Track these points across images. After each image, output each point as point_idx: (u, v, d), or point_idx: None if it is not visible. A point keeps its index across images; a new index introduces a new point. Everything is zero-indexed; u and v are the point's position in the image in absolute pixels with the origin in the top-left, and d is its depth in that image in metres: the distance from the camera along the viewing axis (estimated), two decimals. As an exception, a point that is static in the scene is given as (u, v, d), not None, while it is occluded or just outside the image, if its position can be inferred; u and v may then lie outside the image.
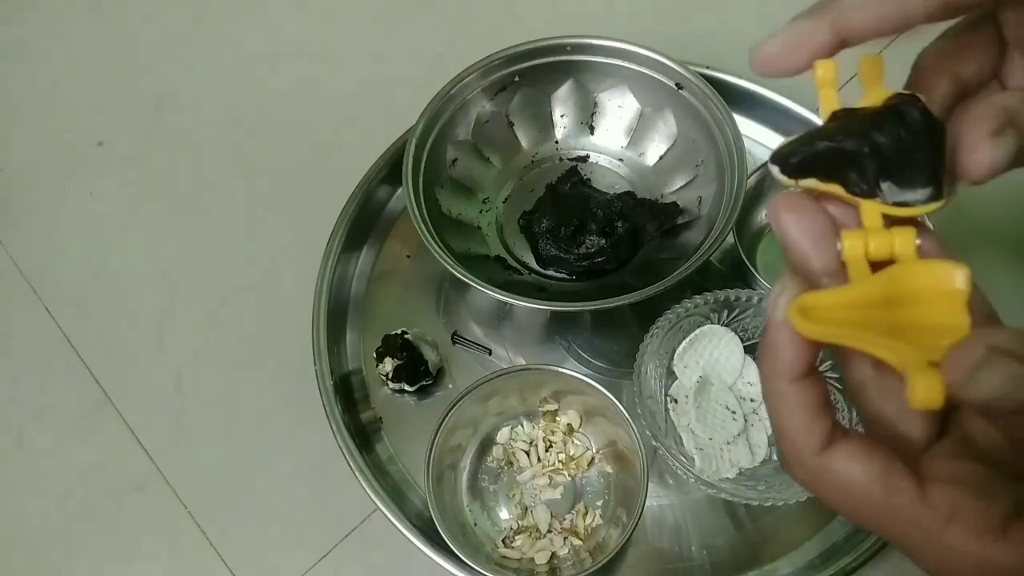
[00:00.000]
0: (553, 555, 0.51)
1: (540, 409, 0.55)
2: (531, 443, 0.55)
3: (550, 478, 0.54)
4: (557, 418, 0.55)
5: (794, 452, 0.23)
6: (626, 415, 0.50)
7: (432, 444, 0.50)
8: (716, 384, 0.54)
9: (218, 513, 0.58)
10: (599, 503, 0.53)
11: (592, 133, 0.65)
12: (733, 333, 0.55)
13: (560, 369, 0.52)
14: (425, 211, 0.56)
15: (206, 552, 0.57)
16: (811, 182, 0.24)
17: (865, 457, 0.23)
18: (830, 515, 0.53)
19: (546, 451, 0.55)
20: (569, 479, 0.54)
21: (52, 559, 0.57)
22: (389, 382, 0.57)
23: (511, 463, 0.55)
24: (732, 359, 0.55)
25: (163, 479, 0.59)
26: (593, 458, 0.54)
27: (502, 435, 0.55)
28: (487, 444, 0.55)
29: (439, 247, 0.54)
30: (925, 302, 0.22)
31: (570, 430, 0.55)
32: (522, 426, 0.56)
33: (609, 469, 0.54)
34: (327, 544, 0.56)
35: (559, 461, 0.54)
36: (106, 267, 0.68)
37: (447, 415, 0.51)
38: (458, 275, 0.53)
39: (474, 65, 0.61)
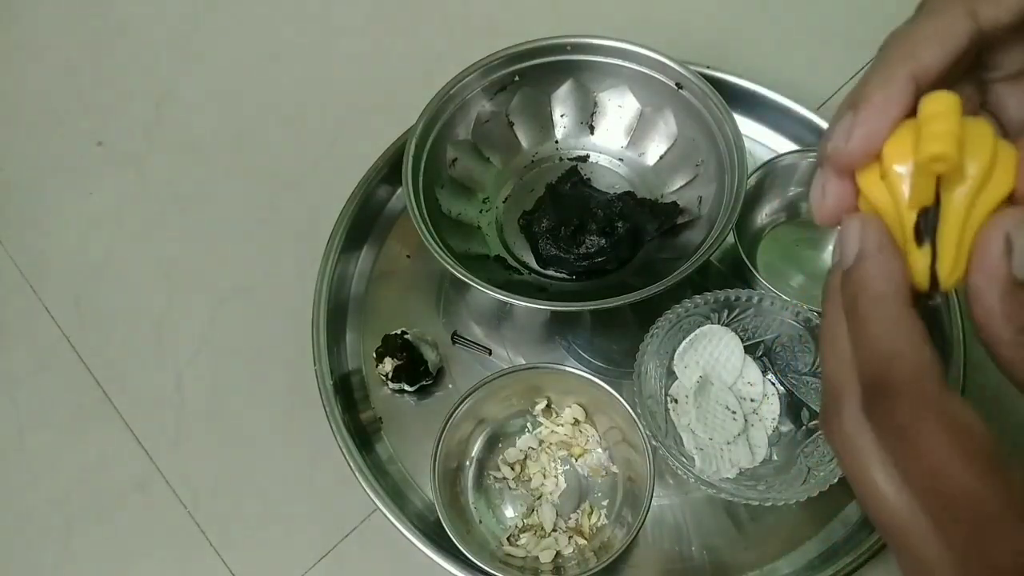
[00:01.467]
0: (558, 554, 0.51)
1: (544, 407, 0.55)
2: (538, 441, 0.55)
3: (556, 476, 0.54)
4: (561, 415, 0.55)
5: (913, 376, 0.21)
6: (630, 411, 0.50)
7: (438, 442, 0.50)
8: (716, 384, 0.54)
9: (218, 513, 0.58)
10: (605, 503, 0.53)
11: (592, 133, 0.65)
12: (733, 333, 0.55)
13: (565, 367, 0.52)
14: (425, 211, 0.56)
15: (206, 552, 0.57)
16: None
17: (973, 412, 0.20)
18: (830, 515, 0.53)
19: (552, 447, 0.55)
20: (575, 478, 0.54)
21: (52, 559, 0.57)
22: (389, 382, 0.57)
23: (517, 461, 0.55)
24: (732, 359, 0.55)
25: (163, 479, 0.59)
26: (600, 452, 0.54)
27: (507, 433, 0.55)
28: (493, 441, 0.55)
29: (439, 247, 0.54)
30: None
31: (576, 423, 0.55)
32: (527, 424, 0.56)
33: (615, 469, 0.54)
34: (327, 544, 0.56)
35: (561, 458, 0.55)
36: (106, 267, 0.68)
37: (453, 412, 0.51)
38: (458, 275, 0.53)
39: (474, 65, 0.61)
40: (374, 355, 0.57)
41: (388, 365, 0.56)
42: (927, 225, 0.21)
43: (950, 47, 0.24)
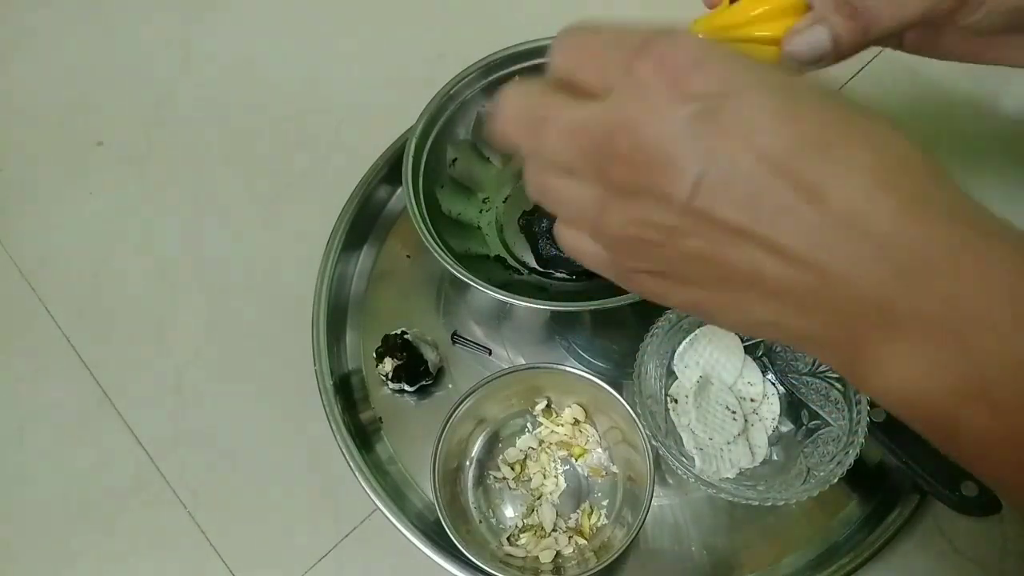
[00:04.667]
0: (558, 554, 0.51)
1: (544, 407, 0.55)
2: (538, 441, 0.55)
3: (556, 476, 0.54)
4: (561, 415, 0.55)
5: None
6: (630, 411, 0.50)
7: (438, 442, 0.50)
8: (716, 384, 0.54)
9: (218, 513, 0.58)
10: (605, 503, 0.53)
11: (592, 133, 0.65)
12: (733, 333, 0.55)
13: (565, 367, 0.52)
14: (425, 211, 0.56)
15: (206, 552, 0.57)
16: None
17: None
18: (830, 515, 0.53)
19: (552, 447, 0.55)
20: (575, 478, 0.54)
21: (52, 559, 0.57)
22: (389, 382, 0.57)
23: (517, 461, 0.55)
24: (732, 359, 0.55)
25: (163, 479, 0.59)
26: (600, 452, 0.54)
27: (508, 433, 0.55)
28: (493, 441, 0.55)
29: (439, 247, 0.54)
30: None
31: (576, 423, 0.55)
32: (528, 424, 0.56)
33: (615, 469, 0.54)
34: (327, 544, 0.56)
35: (561, 458, 0.55)
36: (106, 267, 0.68)
37: (453, 412, 0.51)
38: (458, 275, 0.53)
39: (474, 65, 0.61)
40: (374, 355, 0.57)
41: (388, 365, 0.56)
42: None
43: None
